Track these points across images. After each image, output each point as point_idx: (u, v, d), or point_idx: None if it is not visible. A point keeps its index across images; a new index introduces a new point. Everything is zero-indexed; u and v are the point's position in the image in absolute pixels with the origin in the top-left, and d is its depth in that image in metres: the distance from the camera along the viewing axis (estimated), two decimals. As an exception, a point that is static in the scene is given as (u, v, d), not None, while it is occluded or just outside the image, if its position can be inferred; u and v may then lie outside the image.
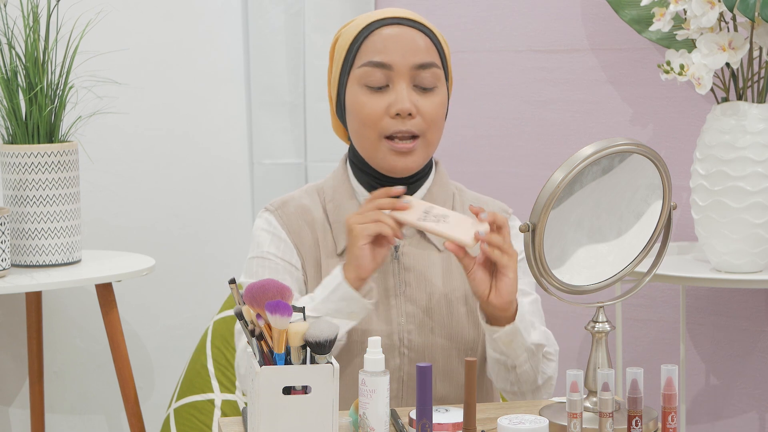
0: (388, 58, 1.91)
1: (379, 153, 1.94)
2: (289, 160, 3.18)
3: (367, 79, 1.92)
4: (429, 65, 1.93)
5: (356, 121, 1.95)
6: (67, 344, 3.08)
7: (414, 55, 1.92)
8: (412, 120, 1.92)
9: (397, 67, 1.91)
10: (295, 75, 3.15)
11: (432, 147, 1.97)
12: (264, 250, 1.98)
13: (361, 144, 1.96)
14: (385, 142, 1.93)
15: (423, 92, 1.94)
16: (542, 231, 1.67)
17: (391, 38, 1.92)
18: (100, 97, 2.88)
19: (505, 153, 3.01)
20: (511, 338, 1.86)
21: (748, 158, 2.44)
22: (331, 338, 1.56)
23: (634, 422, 1.61)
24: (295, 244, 1.98)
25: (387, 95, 1.92)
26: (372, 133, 1.93)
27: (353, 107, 1.94)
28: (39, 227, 2.66)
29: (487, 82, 3.01)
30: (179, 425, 2.83)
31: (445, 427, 1.65)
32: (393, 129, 1.92)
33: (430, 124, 1.94)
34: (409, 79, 1.92)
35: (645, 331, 2.91)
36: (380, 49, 1.92)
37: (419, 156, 1.94)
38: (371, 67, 1.92)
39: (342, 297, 1.85)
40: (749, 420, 2.84)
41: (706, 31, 2.44)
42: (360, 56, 1.94)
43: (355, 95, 1.94)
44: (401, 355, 1.95)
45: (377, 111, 1.92)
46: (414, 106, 1.91)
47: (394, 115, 1.91)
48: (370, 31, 1.93)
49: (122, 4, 3.03)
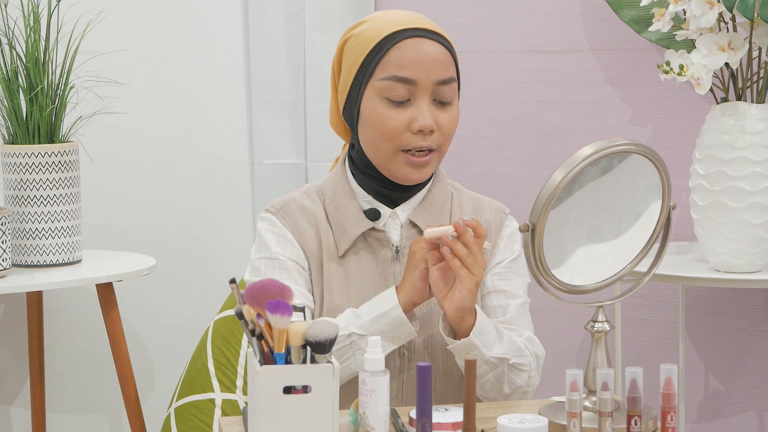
0: (413, 74, 1.91)
1: (393, 164, 1.95)
2: (290, 160, 3.19)
3: (389, 93, 1.92)
4: (449, 80, 1.94)
5: (374, 132, 1.94)
6: (67, 344, 3.09)
7: (437, 71, 1.92)
8: (432, 135, 1.93)
9: (420, 83, 1.92)
10: (295, 75, 3.15)
11: (443, 156, 1.99)
12: (273, 251, 1.97)
13: (375, 154, 1.96)
14: (402, 154, 1.94)
15: (441, 107, 1.95)
16: (542, 231, 1.67)
17: (416, 53, 1.92)
18: (101, 98, 2.88)
19: (505, 153, 3.02)
20: (467, 351, 1.86)
21: (747, 158, 2.44)
22: (331, 338, 1.57)
23: (634, 421, 1.61)
24: (300, 244, 1.98)
25: (408, 110, 1.93)
26: (390, 146, 1.93)
27: (372, 119, 1.94)
28: (40, 227, 2.66)
29: (487, 82, 3.02)
30: (180, 425, 2.83)
31: (445, 427, 1.65)
32: (413, 144, 1.93)
33: (447, 137, 1.96)
34: (431, 94, 1.93)
35: (644, 331, 2.92)
36: (404, 64, 1.91)
37: (432, 167, 1.97)
38: (394, 82, 1.92)
39: (392, 321, 1.86)
40: (748, 419, 2.84)
41: (705, 32, 2.45)
42: (382, 68, 1.93)
43: (375, 107, 1.93)
44: (401, 356, 1.95)
45: (399, 126, 1.92)
46: (434, 122, 1.93)
47: (416, 131, 1.92)
48: (392, 43, 1.93)
49: (122, 5, 3.03)
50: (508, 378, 1.92)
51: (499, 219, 2.05)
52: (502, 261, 2.02)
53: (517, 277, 2.02)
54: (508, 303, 1.99)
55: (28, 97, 2.65)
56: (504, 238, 2.04)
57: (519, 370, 1.93)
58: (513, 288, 2.01)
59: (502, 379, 1.91)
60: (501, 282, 2.01)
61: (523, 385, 1.94)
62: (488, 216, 2.04)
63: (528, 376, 1.95)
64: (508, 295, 2.00)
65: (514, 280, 2.02)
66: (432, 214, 1.99)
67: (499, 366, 1.89)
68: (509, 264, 2.02)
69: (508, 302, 1.99)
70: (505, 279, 2.01)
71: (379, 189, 1.98)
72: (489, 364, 1.88)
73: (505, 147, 3.02)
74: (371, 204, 1.99)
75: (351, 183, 2.01)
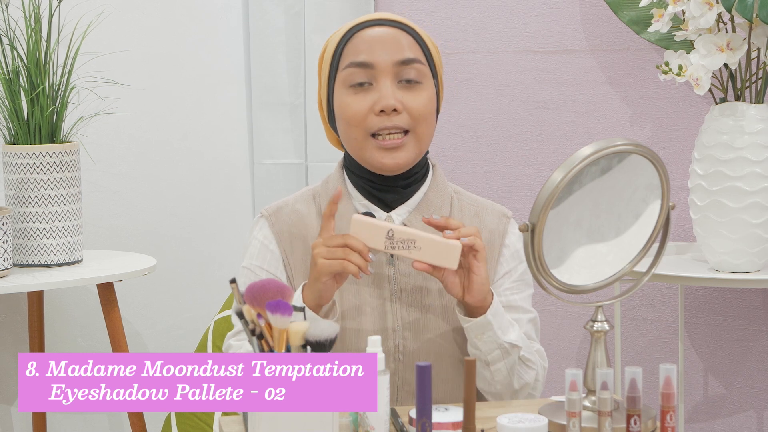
0: (370, 57, 1.92)
1: (366, 151, 1.94)
2: (290, 160, 3.19)
3: (350, 80, 1.93)
4: (412, 60, 1.94)
5: (343, 122, 1.95)
6: (68, 344, 3.09)
7: (396, 51, 1.93)
8: (398, 115, 1.92)
9: (379, 65, 1.92)
10: (295, 75, 3.16)
11: (423, 143, 1.96)
12: (252, 262, 1.99)
13: (350, 145, 1.96)
14: (371, 140, 1.93)
15: (408, 88, 1.94)
16: (541, 231, 1.67)
17: (372, 38, 1.93)
18: (102, 98, 2.89)
19: (505, 153, 3.02)
20: (482, 330, 1.87)
21: (746, 158, 2.44)
22: (331, 338, 1.57)
23: (633, 421, 1.61)
24: (284, 253, 1.99)
25: (371, 94, 1.93)
26: (358, 132, 1.93)
27: (339, 109, 1.95)
28: (41, 227, 2.66)
29: (487, 82, 3.02)
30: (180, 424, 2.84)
31: (445, 426, 1.66)
32: (379, 126, 1.92)
33: (418, 118, 1.93)
34: (393, 76, 1.93)
35: (644, 331, 2.92)
36: (362, 50, 1.93)
37: (409, 151, 1.94)
38: (354, 68, 1.93)
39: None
40: (747, 418, 2.85)
41: (704, 32, 2.45)
42: (343, 59, 1.95)
43: (341, 97, 1.95)
44: (396, 360, 1.95)
45: (362, 110, 1.92)
46: (399, 102, 1.92)
47: (378, 112, 1.92)
48: (352, 34, 1.95)
49: (123, 6, 3.03)
50: (518, 371, 1.92)
51: (503, 225, 2.03)
52: (512, 272, 2.02)
53: (527, 288, 2.02)
54: (520, 317, 1.99)
55: (29, 98, 2.65)
56: (509, 246, 2.03)
57: (528, 366, 1.94)
58: (524, 303, 2.01)
59: (512, 370, 1.91)
60: (514, 296, 2.00)
61: (531, 381, 1.94)
62: (490, 221, 2.03)
63: (536, 374, 1.95)
64: (519, 310, 2.00)
65: (525, 292, 2.02)
66: None
67: (511, 353, 1.90)
68: (520, 276, 2.02)
69: (519, 316, 1.99)
70: (518, 293, 2.01)
71: (371, 190, 1.98)
72: (501, 349, 1.89)
73: (505, 147, 3.02)
74: (367, 207, 1.99)
75: (347, 185, 2.01)
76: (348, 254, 1.80)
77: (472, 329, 1.87)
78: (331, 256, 1.81)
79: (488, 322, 1.86)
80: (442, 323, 1.96)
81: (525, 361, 1.93)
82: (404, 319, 1.95)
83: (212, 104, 3.18)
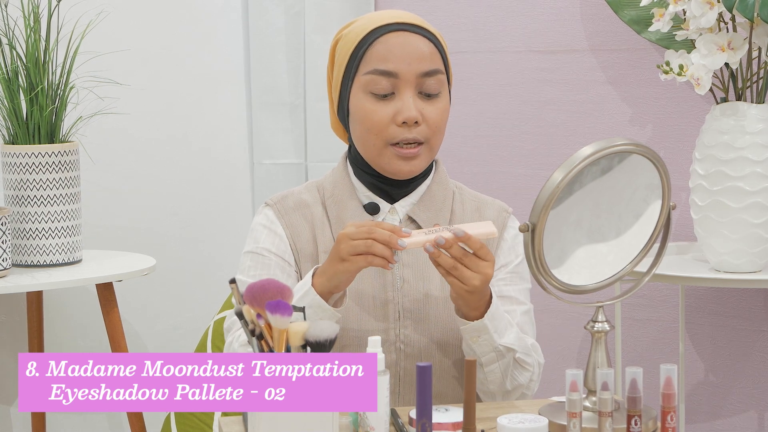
0: (394, 67, 1.92)
1: (383, 158, 1.95)
2: (290, 160, 3.19)
3: (372, 87, 1.93)
4: (434, 72, 1.94)
5: (361, 127, 1.96)
6: (68, 344, 3.09)
7: (419, 63, 1.93)
8: (418, 127, 1.94)
9: (403, 76, 1.93)
10: (295, 75, 3.15)
11: (435, 151, 1.99)
12: (259, 246, 1.99)
13: (365, 149, 1.97)
14: (390, 148, 1.95)
15: (428, 99, 1.95)
16: (542, 231, 1.67)
17: (397, 46, 1.93)
18: (101, 98, 2.88)
19: (505, 153, 3.02)
20: (478, 333, 1.87)
21: (747, 158, 2.44)
22: (331, 338, 1.57)
23: (634, 421, 1.61)
24: (291, 238, 1.99)
25: (393, 103, 1.94)
26: (377, 140, 1.94)
27: (358, 114, 1.95)
28: (40, 227, 2.66)
29: (487, 82, 3.02)
30: (180, 425, 2.83)
31: (445, 427, 1.66)
32: (400, 137, 1.93)
33: (435, 130, 1.95)
34: (415, 86, 1.94)
35: (644, 331, 2.92)
36: (386, 57, 1.93)
37: (423, 160, 1.97)
38: (377, 75, 1.93)
39: (310, 304, 1.84)
40: (748, 419, 2.84)
41: (705, 32, 2.45)
42: (365, 63, 1.94)
43: (361, 102, 1.95)
44: (397, 350, 1.95)
45: (384, 119, 1.93)
46: (420, 114, 1.93)
47: (400, 124, 1.93)
48: (375, 38, 1.94)
49: (123, 5, 3.03)
50: (512, 373, 1.92)
51: (502, 219, 2.05)
52: (507, 264, 2.03)
53: (522, 281, 2.02)
54: (513, 309, 1.99)
55: (28, 98, 2.65)
56: (507, 239, 2.04)
57: (523, 368, 1.94)
58: (518, 294, 2.01)
59: (506, 372, 1.91)
60: (507, 288, 2.01)
61: (525, 383, 1.95)
62: (490, 215, 2.05)
63: (531, 375, 1.95)
64: (513, 301, 2.00)
65: (519, 285, 2.02)
66: (431, 210, 2.00)
67: (506, 356, 1.90)
68: (515, 268, 2.03)
69: (513, 308, 1.99)
70: (511, 284, 2.02)
71: (377, 183, 1.99)
72: (497, 351, 1.89)
73: (505, 147, 3.02)
74: (371, 199, 2.00)
75: (351, 178, 2.02)
76: (374, 248, 1.78)
77: (467, 332, 1.88)
78: (356, 250, 1.79)
79: (484, 326, 1.86)
80: (443, 312, 1.96)
81: (521, 363, 1.93)
82: (406, 309, 1.95)
83: (212, 104, 3.18)
